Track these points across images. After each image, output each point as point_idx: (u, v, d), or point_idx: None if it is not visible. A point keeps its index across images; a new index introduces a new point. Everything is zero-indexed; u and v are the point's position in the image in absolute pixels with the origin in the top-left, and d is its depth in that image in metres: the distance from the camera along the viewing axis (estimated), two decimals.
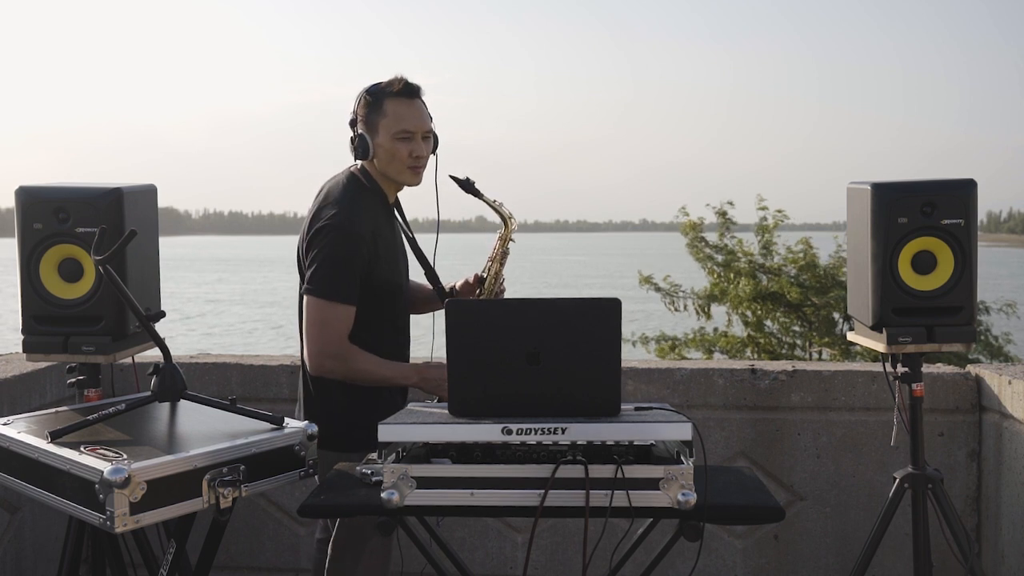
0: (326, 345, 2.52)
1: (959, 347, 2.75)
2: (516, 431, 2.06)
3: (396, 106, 2.59)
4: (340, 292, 2.52)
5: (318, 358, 2.54)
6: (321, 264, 2.52)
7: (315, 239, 2.54)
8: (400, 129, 2.59)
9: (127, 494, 1.86)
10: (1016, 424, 3.13)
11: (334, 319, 2.52)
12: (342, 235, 2.52)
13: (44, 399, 3.31)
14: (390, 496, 2.04)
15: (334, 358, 2.53)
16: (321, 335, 2.52)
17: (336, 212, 2.54)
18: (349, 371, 2.55)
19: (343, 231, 2.52)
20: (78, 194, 2.59)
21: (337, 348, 2.53)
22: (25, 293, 2.62)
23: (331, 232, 2.52)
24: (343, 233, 2.52)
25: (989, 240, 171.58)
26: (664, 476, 2.01)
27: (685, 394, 3.51)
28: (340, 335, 2.52)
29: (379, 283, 2.60)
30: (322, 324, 2.52)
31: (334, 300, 2.51)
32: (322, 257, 2.52)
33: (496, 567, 3.61)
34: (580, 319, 2.15)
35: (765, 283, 10.50)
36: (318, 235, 2.53)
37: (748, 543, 3.54)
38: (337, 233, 2.52)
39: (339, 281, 2.51)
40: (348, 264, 2.52)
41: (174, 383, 2.28)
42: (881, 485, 3.31)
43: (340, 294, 2.52)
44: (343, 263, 2.52)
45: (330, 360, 2.54)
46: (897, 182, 2.68)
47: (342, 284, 2.52)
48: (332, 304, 2.51)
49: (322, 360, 2.54)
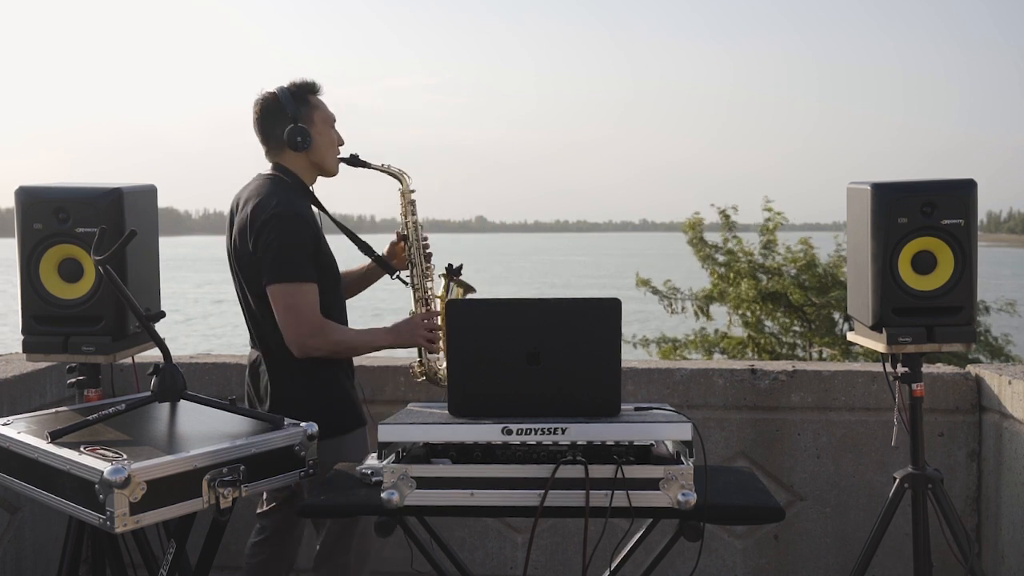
0: (304, 325, 2.58)
1: (959, 347, 2.75)
2: (516, 431, 2.06)
3: (319, 100, 2.76)
4: (301, 272, 2.58)
5: (300, 339, 2.58)
6: (276, 251, 2.57)
7: (263, 232, 2.58)
8: (332, 117, 2.77)
9: (127, 494, 1.86)
10: (1016, 424, 3.13)
11: (304, 299, 2.58)
12: (288, 220, 2.58)
13: (44, 399, 3.31)
14: (390, 496, 2.04)
15: (315, 335, 2.59)
16: (297, 317, 2.57)
17: (276, 202, 2.60)
18: (331, 344, 2.63)
19: (288, 216, 2.58)
20: (78, 194, 2.59)
21: (315, 325, 2.59)
22: (25, 293, 2.62)
23: (276, 220, 2.57)
24: (288, 218, 2.58)
25: (989, 240, 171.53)
26: (664, 476, 2.01)
27: (685, 394, 3.51)
28: (313, 311, 2.59)
29: (325, 263, 2.67)
30: (294, 307, 2.57)
31: (298, 281, 2.57)
32: (276, 245, 2.57)
33: (496, 567, 3.61)
34: (580, 319, 2.15)
35: (765, 283, 10.50)
36: (265, 227, 2.57)
37: (748, 543, 3.54)
38: (282, 220, 2.58)
39: (297, 262, 2.58)
40: (301, 246, 2.59)
41: (174, 383, 2.28)
42: (881, 485, 3.31)
43: (302, 274, 2.58)
44: (296, 245, 2.58)
45: (312, 338, 2.59)
46: (897, 182, 2.68)
47: (301, 265, 2.58)
48: (298, 285, 2.57)
49: (304, 340, 2.59)
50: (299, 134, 2.67)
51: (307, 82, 2.74)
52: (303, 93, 2.72)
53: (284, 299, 2.57)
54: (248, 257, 2.63)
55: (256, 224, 2.59)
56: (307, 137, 2.68)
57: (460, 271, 2.90)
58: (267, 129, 2.72)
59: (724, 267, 10.97)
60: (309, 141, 2.68)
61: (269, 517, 2.85)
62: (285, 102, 2.68)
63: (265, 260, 2.58)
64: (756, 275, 10.60)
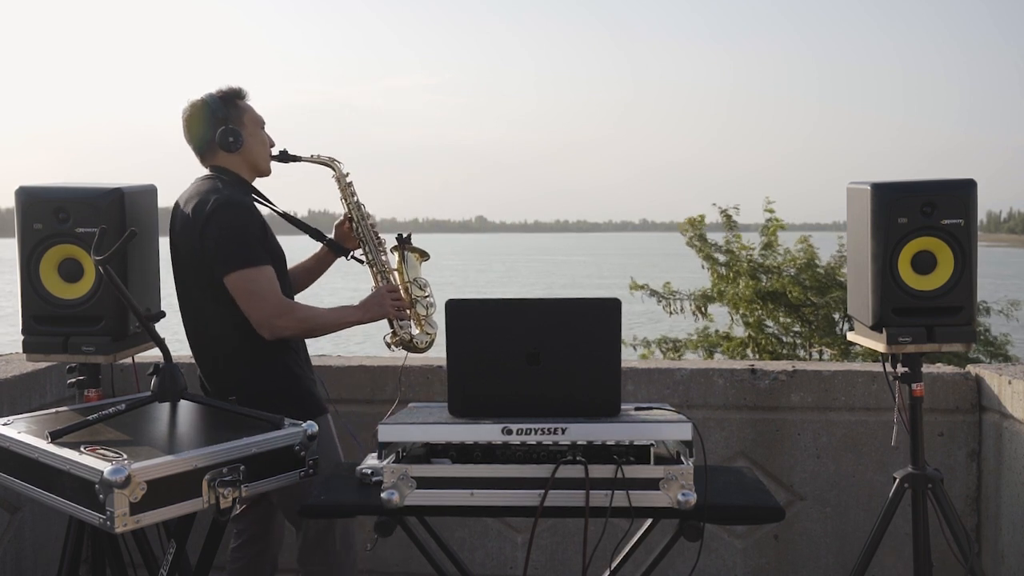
0: (269, 307, 2.59)
1: (959, 347, 2.75)
2: (516, 431, 2.06)
3: (247, 104, 2.81)
4: (255, 257, 2.59)
5: (268, 321, 2.59)
6: (227, 240, 2.57)
7: (208, 224, 2.58)
8: (261, 119, 2.82)
9: (127, 494, 1.86)
10: (1016, 424, 3.13)
11: (264, 282, 2.59)
12: (233, 209, 2.60)
13: (44, 399, 3.31)
14: (390, 496, 2.04)
15: (282, 315, 2.60)
16: (261, 302, 2.58)
17: (216, 196, 2.62)
18: (299, 322, 2.65)
19: (232, 205, 2.60)
20: (78, 194, 2.59)
21: (280, 306, 2.60)
22: (25, 293, 2.62)
23: (221, 210, 2.59)
24: (232, 206, 2.60)
25: (989, 240, 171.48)
26: (664, 476, 2.02)
27: (685, 394, 3.51)
28: (275, 293, 2.61)
29: (272, 251, 2.68)
30: (256, 292, 2.58)
31: (254, 265, 2.58)
32: (226, 235, 2.58)
33: (496, 567, 3.61)
34: (580, 319, 2.15)
35: (765, 283, 10.49)
36: (211, 219, 2.58)
37: (748, 543, 3.54)
38: (228, 208, 2.59)
39: (249, 247, 2.59)
40: (250, 231, 2.61)
41: (174, 383, 2.28)
42: (881, 485, 3.31)
43: (256, 259, 2.59)
44: (245, 231, 2.60)
45: (280, 319, 2.60)
46: (897, 182, 2.68)
47: (253, 249, 2.60)
48: (255, 269, 2.58)
49: (272, 321, 2.59)
50: (231, 135, 2.71)
51: (234, 88, 2.79)
52: (231, 98, 2.77)
53: (245, 284, 2.57)
54: (195, 255, 2.62)
55: (200, 219, 2.60)
56: (239, 137, 2.71)
57: (410, 239, 2.94)
58: (198, 134, 2.75)
59: (724, 267, 10.96)
60: (241, 141, 2.72)
61: (243, 519, 2.87)
62: (214, 107, 2.72)
63: (218, 252, 2.58)
64: (756, 275, 10.59)
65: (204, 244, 2.59)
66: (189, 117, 2.75)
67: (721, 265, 11.02)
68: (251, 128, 2.78)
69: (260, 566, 2.88)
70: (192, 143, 2.78)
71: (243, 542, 2.88)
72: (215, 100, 2.73)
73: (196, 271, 2.65)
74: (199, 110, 2.74)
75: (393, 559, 3.55)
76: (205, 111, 2.73)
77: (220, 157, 2.75)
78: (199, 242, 2.60)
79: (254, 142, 2.78)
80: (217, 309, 2.64)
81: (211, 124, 2.73)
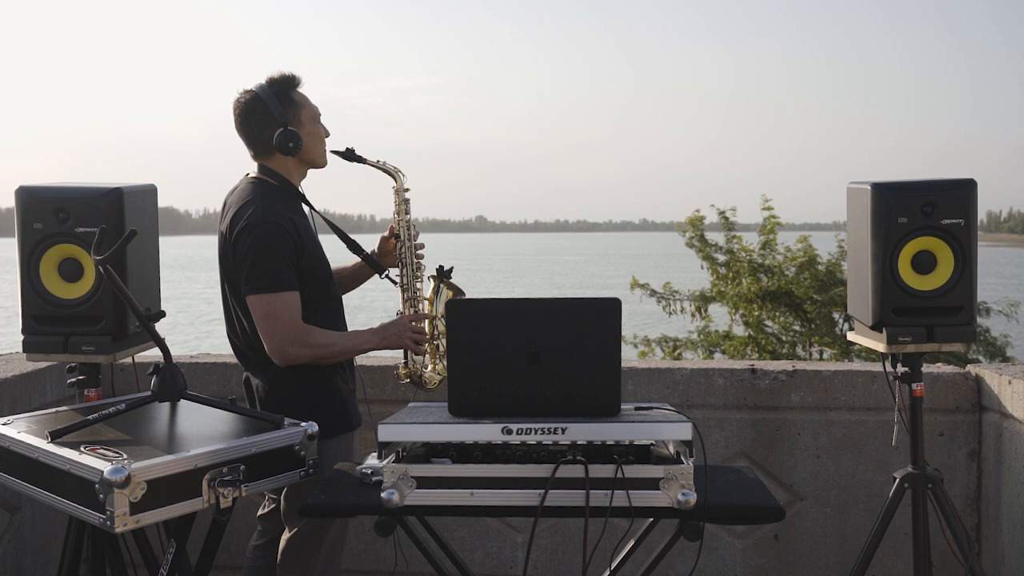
0: (281, 333, 2.54)
1: (959, 347, 2.75)
2: (516, 431, 2.06)
3: (302, 95, 2.69)
4: (279, 281, 2.54)
5: (279, 347, 2.55)
6: (253, 262, 2.53)
7: (239, 242, 2.55)
8: (317, 111, 2.72)
9: (127, 494, 1.86)
10: (1016, 424, 3.13)
11: (281, 307, 2.54)
12: (263, 229, 2.53)
13: (44, 399, 3.31)
14: (390, 496, 2.04)
15: (293, 343, 2.55)
16: (275, 326, 2.54)
17: (251, 211, 2.56)
18: (312, 350, 2.58)
19: (263, 225, 2.53)
20: (78, 194, 2.59)
21: (292, 333, 2.54)
22: (25, 293, 2.62)
23: (252, 229, 2.54)
24: (263, 226, 2.53)
25: (989, 240, 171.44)
26: (664, 476, 2.01)
27: (685, 394, 3.51)
28: (292, 320, 2.55)
29: (310, 267, 2.63)
30: (272, 316, 2.54)
31: (275, 290, 2.53)
32: (252, 254, 2.53)
33: (496, 567, 3.61)
34: (580, 319, 2.15)
35: (765, 282, 10.50)
36: (240, 237, 2.54)
37: (748, 543, 3.54)
38: (258, 228, 2.53)
39: (274, 271, 2.53)
40: (277, 253, 2.54)
41: (174, 383, 2.28)
42: (881, 485, 3.31)
43: (279, 283, 2.54)
44: (272, 254, 2.53)
45: (291, 346, 2.55)
46: (897, 182, 2.68)
47: (278, 273, 2.54)
48: (275, 295, 2.53)
49: (283, 348, 2.55)
50: (290, 139, 2.59)
51: (287, 76, 2.66)
52: (286, 91, 2.65)
53: (261, 308, 2.54)
54: (230, 264, 2.61)
55: (233, 234, 2.56)
56: (299, 141, 2.61)
57: (450, 273, 2.87)
58: (253, 132, 2.64)
59: (724, 266, 10.97)
60: (301, 145, 2.62)
61: (269, 519, 2.84)
62: (270, 104, 2.60)
63: (242, 271, 2.55)
64: (756, 274, 10.60)
65: (234, 258, 2.57)
66: (242, 112, 2.63)
67: (721, 265, 11.03)
68: (309, 126, 2.67)
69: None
70: (244, 138, 2.67)
71: (266, 542, 2.83)
72: (270, 96, 2.60)
73: (231, 281, 2.63)
74: (254, 106, 2.62)
75: (393, 559, 3.55)
76: (260, 108, 2.61)
77: (275, 159, 2.66)
78: (231, 255, 2.58)
79: (312, 141, 2.68)
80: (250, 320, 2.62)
81: (267, 123, 2.61)
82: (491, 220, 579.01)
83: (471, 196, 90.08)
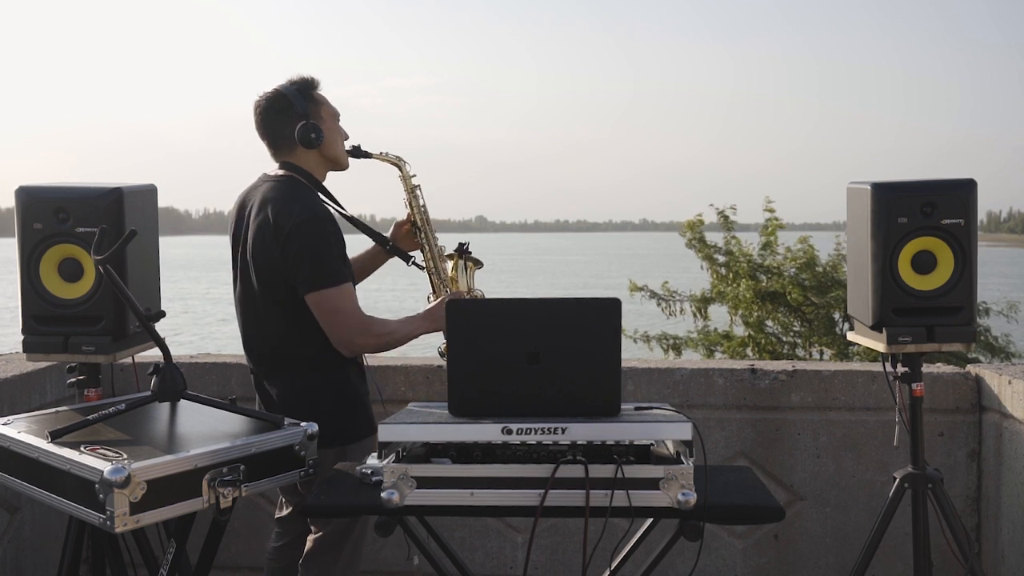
0: (349, 326, 2.58)
1: (959, 347, 2.75)
2: (516, 431, 2.06)
3: (322, 96, 2.75)
4: (337, 275, 2.57)
5: (348, 339, 2.59)
6: (311, 258, 2.55)
7: (291, 240, 2.55)
8: (336, 111, 2.77)
9: (127, 494, 1.86)
10: (1016, 424, 3.13)
11: (344, 301, 2.58)
12: (317, 225, 2.57)
13: (44, 399, 3.31)
14: (390, 496, 2.04)
15: (362, 334, 2.60)
16: (343, 320, 2.58)
17: (300, 208, 2.58)
18: (378, 339, 2.64)
19: (315, 221, 2.57)
20: (78, 194, 2.59)
21: (361, 324, 2.60)
22: (25, 293, 2.63)
23: (305, 226, 2.55)
24: (316, 223, 2.57)
25: (989, 240, 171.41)
26: (664, 476, 2.01)
27: (685, 394, 3.51)
28: (356, 311, 2.60)
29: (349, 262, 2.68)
30: (339, 310, 2.57)
31: (336, 284, 2.56)
32: (309, 253, 2.55)
33: (496, 567, 3.61)
34: (580, 319, 2.15)
35: (765, 283, 10.49)
36: (294, 235, 2.55)
37: (748, 543, 3.54)
38: (311, 225, 2.56)
39: (333, 265, 2.57)
40: (333, 247, 2.58)
41: (174, 383, 2.27)
42: (881, 485, 3.31)
43: (338, 277, 2.57)
44: (328, 247, 2.57)
45: (360, 337, 2.60)
46: (897, 182, 2.68)
47: (336, 267, 2.57)
48: (337, 288, 2.57)
49: (352, 339, 2.60)
50: (312, 130, 2.64)
51: (308, 79, 2.73)
52: (308, 90, 2.70)
53: (327, 304, 2.56)
54: (273, 264, 2.58)
55: (283, 232, 2.55)
56: (320, 133, 2.66)
57: (469, 249, 2.92)
58: (276, 128, 2.68)
59: (724, 267, 10.96)
60: (322, 137, 2.67)
61: (287, 521, 2.83)
62: (294, 100, 2.65)
63: (300, 270, 2.55)
64: (756, 276, 10.59)
65: (285, 258, 2.56)
66: (264, 109, 2.67)
67: (721, 266, 11.03)
68: (329, 123, 2.72)
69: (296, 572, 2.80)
70: (267, 137, 2.70)
71: (285, 543, 2.83)
72: (294, 93, 2.65)
73: (269, 282, 2.61)
74: (277, 103, 2.66)
75: (393, 559, 3.55)
76: (283, 104, 2.66)
77: (297, 154, 2.69)
78: (279, 254, 2.56)
79: (333, 137, 2.73)
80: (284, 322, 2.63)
81: (290, 118, 2.66)
82: (491, 220, 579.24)
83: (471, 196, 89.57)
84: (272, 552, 2.85)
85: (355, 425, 2.68)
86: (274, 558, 2.84)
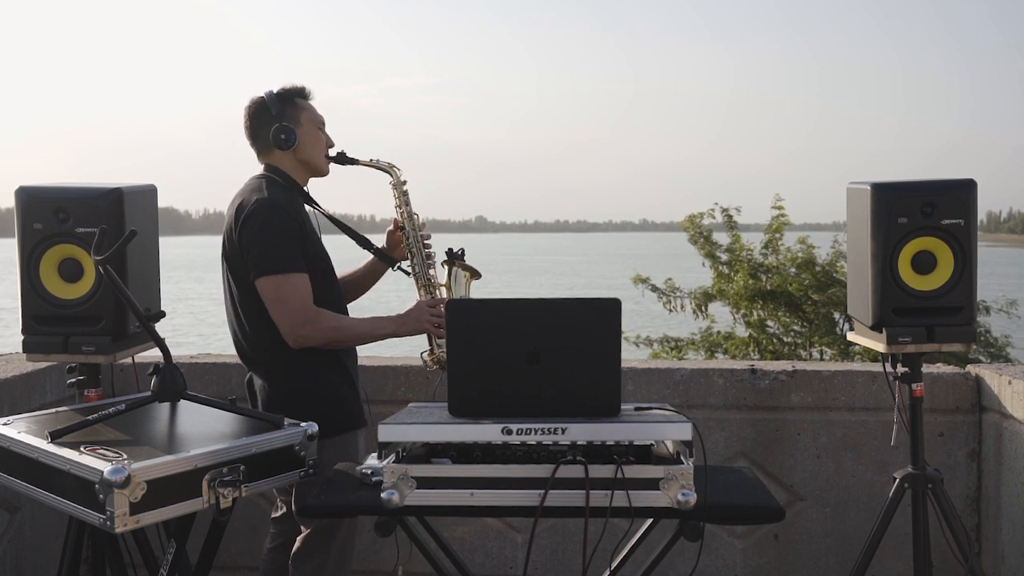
0: (293, 315, 2.57)
1: (959, 347, 2.75)
2: (516, 431, 2.06)
3: (307, 103, 2.79)
4: (287, 263, 2.58)
5: (291, 329, 2.58)
6: (260, 245, 2.57)
7: (245, 226, 2.58)
8: (320, 119, 2.80)
9: (127, 494, 1.86)
10: (1016, 424, 3.13)
11: (291, 289, 2.57)
12: (268, 212, 2.58)
13: (44, 399, 3.31)
14: (390, 496, 2.04)
15: (306, 324, 2.58)
16: (286, 308, 2.57)
17: (257, 199, 2.61)
18: (325, 332, 2.62)
19: (268, 209, 2.59)
20: (78, 194, 2.59)
21: (305, 315, 2.58)
22: (25, 293, 2.63)
23: (257, 213, 2.58)
24: (269, 210, 2.59)
25: (989, 240, 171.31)
26: (664, 476, 2.01)
27: (685, 394, 3.51)
28: (303, 301, 2.58)
29: (313, 258, 2.66)
30: (282, 299, 2.57)
31: (284, 272, 2.57)
32: (259, 238, 2.57)
33: (496, 567, 3.61)
34: (580, 319, 2.15)
35: (764, 282, 10.49)
36: (247, 223, 2.58)
37: (748, 543, 3.54)
38: (264, 212, 2.58)
39: (283, 254, 2.58)
40: (285, 236, 2.59)
41: (174, 383, 2.28)
42: (881, 485, 3.31)
43: (288, 265, 2.58)
44: (280, 236, 2.58)
45: (303, 327, 2.58)
46: (897, 182, 2.68)
47: (286, 255, 2.58)
48: (285, 276, 2.57)
49: (296, 330, 2.58)
50: (283, 132, 2.69)
51: (296, 87, 2.79)
52: (290, 96, 2.76)
53: (273, 291, 2.57)
54: (236, 256, 2.63)
55: (239, 220, 2.60)
56: (291, 135, 2.70)
57: (462, 255, 2.89)
58: (254, 130, 2.75)
59: (726, 265, 10.96)
60: (294, 139, 2.70)
61: (284, 522, 2.84)
62: (270, 103, 2.71)
63: (251, 255, 2.58)
64: (756, 274, 10.59)
65: (240, 245, 2.60)
66: (249, 114, 2.75)
67: (723, 264, 11.02)
68: (307, 127, 2.75)
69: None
70: (249, 139, 2.78)
71: (280, 544, 2.84)
72: (272, 98, 2.72)
73: (236, 272, 2.65)
74: (255, 106, 2.74)
75: (393, 559, 3.54)
76: (262, 108, 2.73)
77: (274, 156, 2.74)
78: (238, 243, 2.61)
79: (308, 141, 2.76)
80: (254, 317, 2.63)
81: (265, 121, 2.73)
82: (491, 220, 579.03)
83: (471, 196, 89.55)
84: (268, 553, 2.86)
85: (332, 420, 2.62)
86: (269, 559, 2.85)
